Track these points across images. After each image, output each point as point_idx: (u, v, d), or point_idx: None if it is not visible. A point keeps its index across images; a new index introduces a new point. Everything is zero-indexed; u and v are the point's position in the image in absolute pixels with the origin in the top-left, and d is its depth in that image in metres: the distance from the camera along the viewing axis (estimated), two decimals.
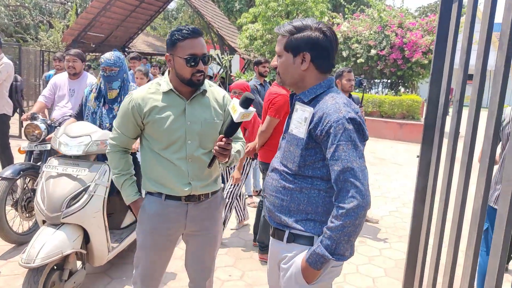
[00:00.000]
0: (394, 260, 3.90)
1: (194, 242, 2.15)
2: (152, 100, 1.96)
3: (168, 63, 1.97)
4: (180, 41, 1.88)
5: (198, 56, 1.89)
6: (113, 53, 3.12)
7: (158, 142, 1.98)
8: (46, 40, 20.07)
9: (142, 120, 1.98)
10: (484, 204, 1.95)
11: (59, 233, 2.55)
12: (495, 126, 1.85)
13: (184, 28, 1.90)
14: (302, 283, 1.60)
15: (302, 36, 1.57)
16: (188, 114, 1.97)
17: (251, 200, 5.38)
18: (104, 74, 3.09)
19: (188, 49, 1.87)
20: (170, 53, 1.93)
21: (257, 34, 13.53)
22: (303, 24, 1.59)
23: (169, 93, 1.98)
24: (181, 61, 1.89)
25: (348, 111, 1.51)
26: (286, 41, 1.60)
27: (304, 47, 1.57)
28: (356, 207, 1.44)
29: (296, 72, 1.62)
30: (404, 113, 12.07)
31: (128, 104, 1.98)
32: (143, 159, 2.07)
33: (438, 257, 2.50)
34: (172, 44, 1.90)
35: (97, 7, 15.42)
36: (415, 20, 13.37)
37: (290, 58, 1.61)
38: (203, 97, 2.05)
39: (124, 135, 2.05)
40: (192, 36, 1.88)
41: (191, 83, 1.94)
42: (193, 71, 1.90)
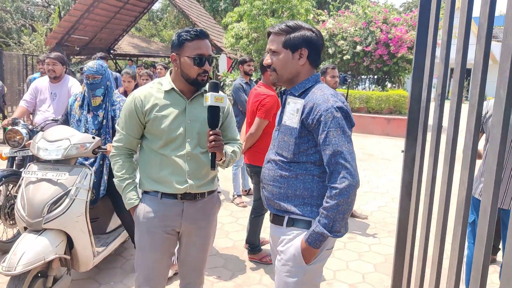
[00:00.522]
0: (384, 255, 3.92)
1: (188, 241, 2.18)
2: (154, 98, 2.02)
3: (173, 62, 2.03)
4: (188, 41, 1.96)
5: (205, 57, 1.98)
6: (96, 62, 3.18)
7: (158, 140, 2.03)
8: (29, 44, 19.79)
9: (143, 117, 2.03)
10: (468, 196, 1.96)
11: (41, 239, 2.51)
12: (476, 118, 1.86)
13: (192, 30, 1.98)
14: (301, 264, 1.75)
15: (299, 34, 1.75)
16: (188, 113, 2.04)
17: (240, 200, 5.37)
18: (87, 82, 3.13)
19: (195, 50, 1.96)
20: (177, 53, 2.00)
21: (242, 33, 13.48)
22: (296, 24, 1.78)
23: (171, 92, 2.05)
24: (188, 60, 1.96)
25: (335, 101, 1.69)
26: (285, 39, 1.76)
27: (302, 44, 1.75)
28: (348, 186, 1.63)
29: (294, 67, 1.79)
30: (391, 108, 12.16)
31: (131, 103, 2.03)
32: (142, 159, 2.12)
33: (425, 251, 2.51)
34: (180, 44, 1.97)
35: (80, 10, 15.22)
36: (400, 15, 13.47)
37: (289, 55, 1.77)
38: (203, 98, 2.07)
39: (128, 135, 2.09)
40: (200, 37, 1.97)
41: (196, 83, 2.02)
42: (199, 71, 1.98)
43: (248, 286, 3.32)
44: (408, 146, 2.60)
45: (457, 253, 2.01)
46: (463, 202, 1.96)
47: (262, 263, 3.68)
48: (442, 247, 2.26)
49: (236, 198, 5.39)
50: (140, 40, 25.61)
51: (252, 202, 3.72)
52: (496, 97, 1.62)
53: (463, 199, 1.96)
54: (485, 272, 1.74)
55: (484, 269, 1.72)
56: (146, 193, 2.11)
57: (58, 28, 15.85)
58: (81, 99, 3.23)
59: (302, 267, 1.77)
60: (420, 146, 2.53)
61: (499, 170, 1.61)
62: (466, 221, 1.98)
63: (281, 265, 1.82)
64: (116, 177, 2.14)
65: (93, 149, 2.81)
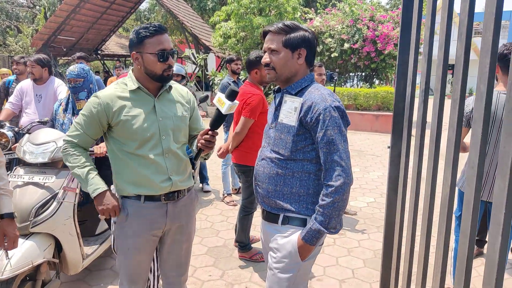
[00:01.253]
0: (373, 251, 3.95)
1: (171, 240, 2.17)
2: (121, 99, 1.97)
3: (135, 61, 1.97)
4: (149, 37, 1.91)
5: (168, 51, 1.94)
6: (77, 65, 3.16)
7: (131, 142, 1.97)
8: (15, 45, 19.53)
9: (108, 120, 1.97)
10: (452, 191, 1.99)
11: (29, 243, 2.49)
12: (458, 113, 1.89)
13: (150, 25, 1.93)
14: (296, 261, 1.80)
15: (299, 35, 1.79)
16: (158, 111, 2.01)
17: (230, 198, 5.37)
18: (70, 86, 3.13)
19: (157, 45, 1.92)
20: (138, 51, 1.95)
21: (230, 32, 13.47)
22: (294, 24, 1.81)
23: (137, 91, 2.00)
24: (151, 57, 1.92)
25: (333, 100, 1.74)
26: (285, 38, 1.79)
27: (301, 44, 1.80)
28: (343, 184, 1.68)
29: (294, 66, 1.82)
30: (379, 105, 12.25)
31: (96, 105, 1.96)
32: (116, 164, 2.04)
33: (412, 245, 2.54)
34: (140, 42, 1.93)
35: (66, 10, 15.03)
36: (386, 13, 13.56)
37: (289, 54, 1.80)
38: (169, 94, 2.09)
39: (86, 134, 2.02)
40: (160, 33, 1.93)
41: (162, 78, 1.98)
42: (164, 67, 1.94)
43: (238, 284, 3.33)
44: (394, 142, 2.63)
45: (442, 247, 2.04)
46: (447, 196, 1.98)
47: (253, 261, 3.69)
48: (428, 241, 2.29)
49: (226, 197, 5.39)
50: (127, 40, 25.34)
51: (241, 200, 3.72)
52: (477, 92, 1.64)
53: (447, 194, 1.99)
54: (470, 264, 1.77)
55: (469, 261, 1.75)
56: (126, 198, 2.05)
57: (44, 29, 15.65)
58: (65, 103, 3.23)
59: (298, 264, 1.81)
60: (405, 141, 2.55)
61: (481, 164, 1.64)
62: (450, 215, 2.01)
63: (275, 261, 1.85)
64: (74, 167, 2.00)
65: None
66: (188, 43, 17.75)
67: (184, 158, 2.12)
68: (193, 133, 2.24)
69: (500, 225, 1.45)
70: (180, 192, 2.11)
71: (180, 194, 2.11)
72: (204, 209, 5.12)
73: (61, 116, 3.21)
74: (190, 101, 2.19)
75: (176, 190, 2.09)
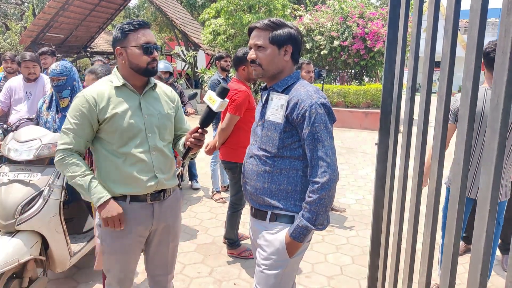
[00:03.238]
0: (361, 248, 3.97)
1: (158, 239, 2.16)
2: (107, 95, 1.95)
3: (119, 56, 1.96)
4: (133, 32, 1.92)
5: (152, 45, 1.94)
6: (59, 63, 3.11)
7: (117, 139, 1.95)
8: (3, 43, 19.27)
9: (98, 118, 1.93)
10: (438, 187, 2.00)
11: (15, 241, 2.47)
12: (444, 110, 1.90)
13: (134, 21, 1.94)
14: (284, 258, 1.81)
15: (285, 31, 1.79)
16: (144, 108, 2.00)
17: (219, 195, 5.36)
18: (53, 84, 3.08)
19: (142, 39, 1.92)
20: (121, 46, 1.94)
21: (220, 29, 13.41)
22: (280, 20, 1.81)
23: (122, 88, 1.99)
24: (136, 50, 1.92)
25: (319, 97, 1.74)
26: (271, 35, 1.79)
27: (287, 41, 1.80)
28: (329, 180, 1.68)
29: (280, 63, 1.82)
30: (369, 102, 12.30)
31: (84, 103, 1.92)
32: (101, 163, 2.01)
33: (399, 241, 2.55)
34: (124, 37, 1.93)
35: (54, 7, 14.81)
36: (376, 10, 13.62)
37: (275, 50, 1.80)
38: (154, 91, 2.09)
39: (79, 137, 1.96)
40: (143, 27, 1.95)
41: (147, 72, 1.98)
42: (148, 60, 1.94)
43: (227, 281, 3.32)
44: (381, 138, 2.64)
45: (429, 243, 2.05)
46: (433, 192, 2.00)
47: (241, 258, 3.69)
48: (415, 236, 2.30)
49: (215, 194, 5.38)
50: None
51: (229, 197, 3.72)
52: (462, 88, 1.65)
53: (433, 190, 2.00)
54: (455, 260, 1.79)
55: (454, 257, 1.76)
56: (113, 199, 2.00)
57: (33, 26, 15.43)
58: (48, 101, 3.20)
59: (286, 260, 1.82)
60: (392, 138, 2.56)
61: (466, 160, 1.65)
62: (436, 211, 2.02)
63: (263, 258, 1.86)
64: (75, 177, 1.94)
65: None
66: (177, 40, 17.65)
67: (170, 156, 2.11)
68: (178, 132, 2.22)
69: (485, 221, 1.46)
70: (165, 192, 2.10)
71: (165, 194, 2.10)
72: (193, 207, 5.10)
73: (45, 114, 3.18)
74: (174, 100, 2.19)
75: (161, 190, 2.07)
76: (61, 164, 1.97)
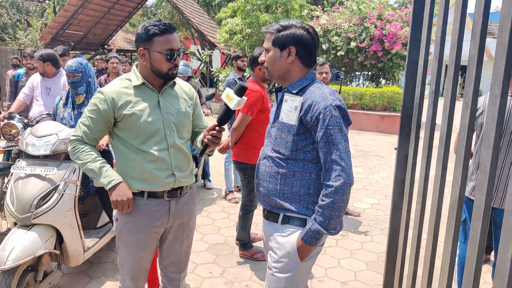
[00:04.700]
0: (376, 254, 3.90)
1: (173, 237, 2.17)
2: (126, 94, 1.96)
3: (141, 57, 1.96)
4: (158, 36, 1.90)
5: (176, 51, 1.94)
6: (75, 59, 3.15)
7: (136, 137, 1.96)
8: (25, 39, 19.68)
9: (114, 115, 1.95)
10: (461, 195, 1.94)
11: (30, 234, 2.52)
12: (470, 116, 1.83)
13: (160, 23, 1.91)
14: (295, 261, 1.78)
15: (288, 33, 1.76)
16: (162, 106, 2.01)
17: (232, 195, 5.34)
18: (69, 81, 3.12)
19: (166, 44, 1.91)
20: (145, 47, 1.93)
21: (236, 29, 13.40)
22: (289, 23, 1.79)
23: (141, 86, 1.99)
24: (159, 55, 1.91)
25: (333, 99, 1.70)
26: (274, 37, 1.79)
27: (290, 42, 1.76)
28: (343, 184, 1.65)
29: (283, 65, 1.80)
30: (385, 105, 12.14)
31: (102, 102, 1.94)
32: (121, 159, 2.03)
33: (417, 250, 2.48)
34: (148, 39, 1.91)
35: (74, 5, 15.10)
36: (394, 11, 13.44)
37: (277, 53, 1.79)
38: (172, 89, 2.10)
39: (93, 132, 1.99)
40: (169, 31, 1.92)
41: (167, 77, 1.99)
42: (170, 66, 1.94)
43: (238, 282, 3.29)
44: (401, 143, 2.57)
45: (450, 253, 1.98)
46: (456, 201, 1.93)
47: (253, 260, 3.65)
48: (434, 247, 2.23)
49: (228, 194, 5.36)
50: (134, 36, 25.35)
51: (241, 198, 3.69)
52: (490, 94, 1.58)
53: (456, 198, 1.93)
54: (478, 273, 1.72)
55: (477, 270, 1.69)
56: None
57: (53, 23, 15.73)
58: (65, 98, 3.24)
59: (297, 264, 1.79)
60: (413, 143, 2.49)
61: (493, 168, 1.58)
62: (459, 220, 1.95)
63: (274, 261, 1.84)
64: (86, 163, 1.97)
65: None
66: (193, 39, 17.71)
67: (188, 154, 2.12)
68: (195, 129, 2.25)
69: None
70: (182, 189, 2.11)
71: (182, 191, 2.11)
72: (206, 206, 5.08)
73: (61, 110, 3.21)
74: (193, 97, 2.21)
75: (178, 187, 2.08)
76: (73, 153, 2.00)
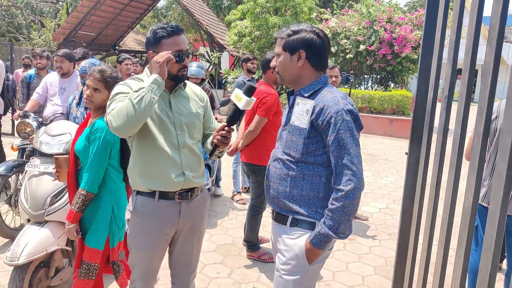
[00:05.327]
0: (384, 258, 3.86)
1: (183, 239, 2.17)
2: None
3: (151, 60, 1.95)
4: (166, 38, 1.92)
5: (184, 53, 1.95)
6: (88, 60, 3.20)
7: (147, 136, 1.97)
8: (38, 39, 19.96)
9: None
10: (475, 202, 1.91)
11: (43, 231, 2.58)
12: (485, 122, 1.80)
13: (168, 26, 1.94)
14: (303, 264, 1.78)
15: (298, 37, 1.78)
16: (174, 107, 2.02)
17: (240, 196, 5.33)
18: (82, 81, 3.18)
19: (174, 46, 1.92)
20: (154, 50, 1.95)
21: (245, 31, 13.40)
22: (299, 27, 1.80)
23: None
24: None
25: (345, 104, 1.70)
26: (284, 42, 1.80)
27: (299, 46, 1.77)
28: (353, 188, 1.64)
29: (293, 69, 1.81)
30: (394, 109, 12.07)
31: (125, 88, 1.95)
32: (132, 158, 2.05)
33: (428, 256, 2.45)
34: (157, 42, 1.93)
35: (87, 6, 15.35)
36: (404, 14, 13.35)
37: (288, 57, 1.81)
38: (183, 91, 2.11)
39: None
40: (176, 33, 1.94)
41: (176, 78, 2.00)
42: (179, 67, 1.95)
43: (246, 283, 3.28)
44: (412, 148, 2.54)
45: (462, 261, 1.95)
46: (469, 209, 1.90)
47: (261, 261, 3.64)
48: (446, 253, 2.20)
49: (236, 195, 5.36)
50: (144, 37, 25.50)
51: (250, 199, 3.67)
52: (507, 100, 1.56)
53: (469, 205, 1.90)
54: (492, 282, 1.69)
55: (491, 279, 1.66)
56: (140, 194, 2.04)
57: (66, 24, 15.99)
58: (78, 97, 3.28)
59: (304, 267, 1.79)
60: (424, 148, 2.47)
61: (510, 175, 1.56)
62: (472, 228, 1.92)
63: (282, 263, 1.84)
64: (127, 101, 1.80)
65: None
66: (202, 41, 17.77)
67: (198, 154, 2.12)
68: (206, 131, 2.25)
69: None
70: (193, 191, 2.11)
71: (193, 193, 2.11)
72: (214, 207, 5.08)
73: (74, 110, 3.25)
74: (203, 99, 2.22)
75: (189, 189, 2.08)
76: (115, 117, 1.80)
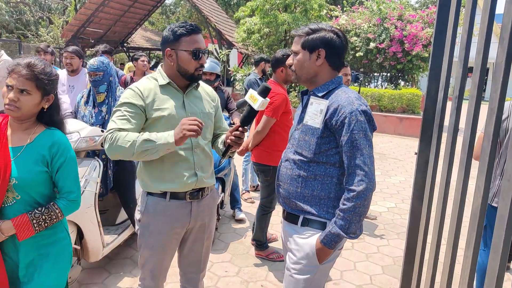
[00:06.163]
0: (392, 258, 3.86)
1: (193, 237, 2.19)
2: (153, 92, 1.98)
3: (168, 58, 1.99)
4: (185, 36, 1.94)
5: (202, 50, 1.97)
6: (97, 58, 3.19)
7: None
8: (46, 36, 20.12)
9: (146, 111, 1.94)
10: (484, 203, 1.90)
11: None
12: (495, 123, 1.79)
13: (187, 24, 1.97)
14: (314, 263, 1.79)
15: (317, 36, 1.77)
16: (187, 106, 2.03)
17: (248, 195, 5.35)
18: (90, 79, 3.17)
19: (193, 44, 1.95)
20: (172, 48, 1.97)
21: (254, 28, 13.40)
22: (318, 26, 1.80)
23: (167, 86, 2.02)
24: (186, 55, 1.95)
25: (360, 104, 1.70)
26: (304, 40, 1.79)
27: (319, 45, 1.77)
28: (365, 189, 1.65)
29: (312, 68, 1.80)
30: (404, 107, 12.00)
31: (133, 95, 1.94)
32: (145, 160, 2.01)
33: (436, 256, 2.44)
34: (176, 39, 1.95)
35: (95, 3, 15.42)
36: (415, 12, 13.24)
37: (306, 55, 1.80)
38: (196, 91, 2.13)
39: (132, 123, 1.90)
40: (196, 32, 1.97)
41: (193, 77, 2.02)
42: (197, 66, 1.97)
43: (254, 282, 3.30)
44: (422, 147, 2.53)
45: (470, 261, 1.95)
46: (479, 209, 1.89)
47: (269, 260, 3.65)
48: (454, 253, 2.19)
49: (245, 194, 5.37)
50: (152, 34, 25.71)
51: (260, 199, 3.68)
52: None
53: (478, 206, 1.90)
54: (500, 282, 1.68)
55: (499, 279, 1.66)
56: (151, 195, 2.04)
57: (74, 21, 16.09)
58: (86, 96, 3.29)
59: (315, 266, 1.80)
60: (434, 148, 2.45)
61: None
62: (481, 229, 1.92)
63: (293, 262, 1.85)
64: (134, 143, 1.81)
65: (101, 142, 2.84)
66: (211, 38, 17.78)
67: (210, 154, 2.14)
68: (216, 131, 2.26)
69: None
70: (204, 190, 2.12)
71: (204, 193, 2.12)
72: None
73: (82, 108, 3.26)
74: (215, 100, 2.23)
75: (200, 188, 2.09)
76: (112, 144, 1.83)
